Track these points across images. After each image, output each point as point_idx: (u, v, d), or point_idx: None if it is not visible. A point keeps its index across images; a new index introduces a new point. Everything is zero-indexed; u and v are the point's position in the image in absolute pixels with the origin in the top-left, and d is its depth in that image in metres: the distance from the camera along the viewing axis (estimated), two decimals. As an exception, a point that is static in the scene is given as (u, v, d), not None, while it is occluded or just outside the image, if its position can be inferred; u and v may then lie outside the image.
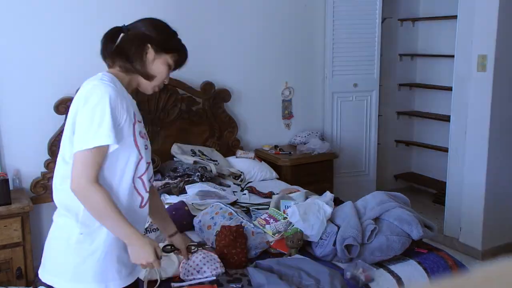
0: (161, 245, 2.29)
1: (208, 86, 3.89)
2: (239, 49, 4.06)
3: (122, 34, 1.73)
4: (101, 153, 1.55)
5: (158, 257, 1.63)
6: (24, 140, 3.32)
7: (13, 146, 3.30)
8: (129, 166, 1.63)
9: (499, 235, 3.70)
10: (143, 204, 1.71)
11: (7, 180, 3.02)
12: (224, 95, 3.96)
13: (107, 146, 1.55)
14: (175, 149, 3.66)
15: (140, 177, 1.67)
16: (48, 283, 1.61)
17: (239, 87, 4.10)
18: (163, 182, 3.25)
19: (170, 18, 4.21)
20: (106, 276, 1.59)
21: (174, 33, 1.80)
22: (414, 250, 2.43)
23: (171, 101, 3.77)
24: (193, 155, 3.65)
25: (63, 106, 3.35)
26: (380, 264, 2.33)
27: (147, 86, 1.76)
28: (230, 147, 4.05)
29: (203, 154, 3.72)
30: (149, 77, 1.73)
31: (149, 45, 1.70)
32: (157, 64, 1.72)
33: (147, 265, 1.63)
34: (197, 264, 2.18)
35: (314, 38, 4.37)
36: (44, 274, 1.63)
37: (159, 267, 1.68)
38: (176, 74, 3.81)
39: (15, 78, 3.28)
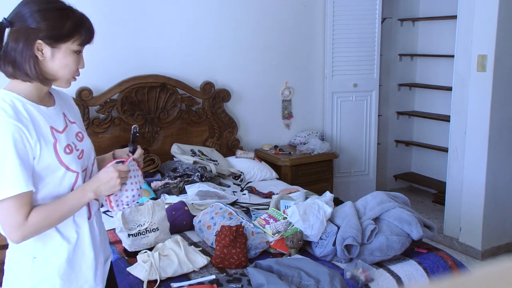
0: (160, 245, 2.29)
1: (208, 86, 3.89)
2: (239, 49, 4.06)
3: (7, 30, 1.37)
4: (19, 197, 1.33)
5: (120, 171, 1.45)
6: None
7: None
8: (64, 189, 1.43)
9: (499, 235, 3.70)
10: (92, 215, 1.53)
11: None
12: (224, 95, 3.96)
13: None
14: (175, 149, 3.66)
15: None
16: None
17: (239, 87, 4.10)
18: (163, 182, 3.25)
19: (169, 18, 4.19)
20: None
21: (67, 12, 1.39)
22: (414, 250, 2.43)
23: (171, 101, 3.77)
24: (193, 155, 3.64)
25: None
26: (380, 264, 2.33)
27: (61, 83, 1.45)
28: (230, 147, 4.05)
29: (203, 154, 3.72)
30: (53, 79, 1.42)
31: (40, 41, 1.35)
32: (59, 59, 1.39)
33: (122, 179, 1.46)
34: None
35: (314, 38, 4.37)
36: None
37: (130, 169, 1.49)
38: (176, 74, 3.83)
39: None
